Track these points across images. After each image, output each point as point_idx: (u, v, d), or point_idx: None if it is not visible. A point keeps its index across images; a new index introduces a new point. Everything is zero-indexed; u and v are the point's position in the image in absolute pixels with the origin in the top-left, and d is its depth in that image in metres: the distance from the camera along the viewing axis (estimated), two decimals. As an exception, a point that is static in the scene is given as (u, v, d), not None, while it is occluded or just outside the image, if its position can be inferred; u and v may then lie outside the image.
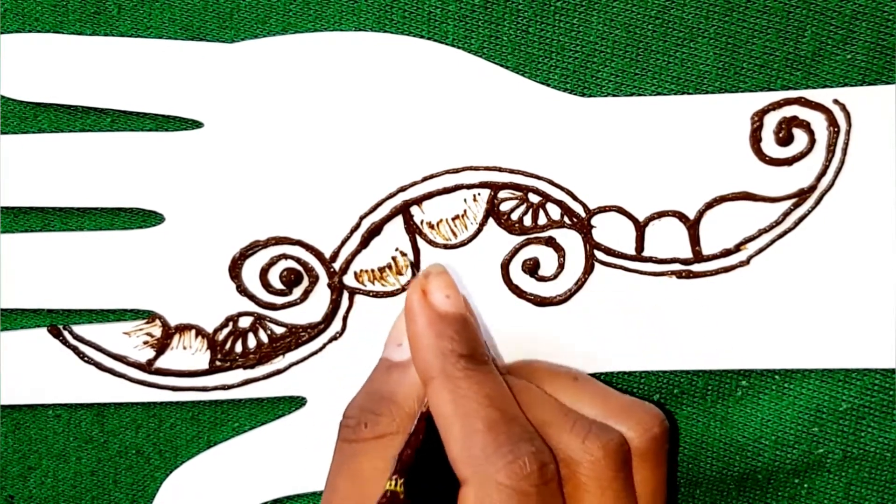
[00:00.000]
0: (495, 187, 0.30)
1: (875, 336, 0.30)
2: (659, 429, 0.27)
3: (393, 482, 0.25)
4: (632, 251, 0.30)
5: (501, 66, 0.30)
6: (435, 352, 0.26)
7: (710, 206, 0.30)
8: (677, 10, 0.29)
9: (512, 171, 0.30)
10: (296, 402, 0.32)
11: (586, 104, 0.30)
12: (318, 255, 0.30)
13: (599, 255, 0.30)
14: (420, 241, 0.30)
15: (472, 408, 0.25)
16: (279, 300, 0.31)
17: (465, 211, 0.30)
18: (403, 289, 0.30)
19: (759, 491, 0.31)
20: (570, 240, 0.30)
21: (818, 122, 0.29)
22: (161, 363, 0.31)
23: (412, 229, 0.30)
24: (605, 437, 0.26)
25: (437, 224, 0.30)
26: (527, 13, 0.30)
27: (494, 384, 0.26)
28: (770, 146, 0.29)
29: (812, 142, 0.29)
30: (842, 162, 0.29)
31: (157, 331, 0.31)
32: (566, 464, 0.26)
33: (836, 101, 0.29)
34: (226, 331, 0.31)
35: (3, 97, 0.30)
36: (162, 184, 0.30)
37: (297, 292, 0.31)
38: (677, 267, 0.30)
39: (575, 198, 0.30)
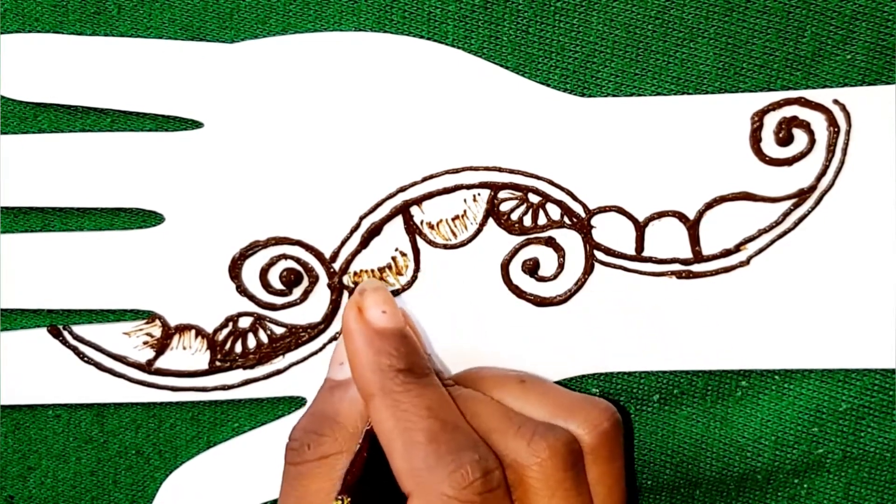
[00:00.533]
0: (495, 187, 0.30)
1: (875, 336, 0.30)
2: (608, 423, 0.27)
3: (339, 502, 0.25)
4: (632, 251, 0.30)
5: (501, 66, 0.30)
6: (373, 368, 0.26)
7: (710, 206, 0.30)
8: (677, 10, 0.29)
9: (512, 171, 0.30)
10: (296, 402, 0.32)
11: (586, 104, 0.30)
12: (318, 255, 0.30)
13: (599, 255, 0.30)
14: (420, 241, 0.30)
15: (413, 421, 0.25)
16: (279, 300, 0.31)
17: (465, 211, 0.30)
18: (403, 289, 0.30)
19: (758, 491, 0.31)
20: (570, 240, 0.30)
21: (818, 122, 0.29)
22: (161, 363, 0.31)
23: (412, 229, 0.30)
24: (552, 437, 0.26)
25: (437, 224, 0.30)
26: (527, 13, 0.30)
27: (435, 396, 0.26)
28: (770, 146, 0.29)
29: (812, 142, 0.29)
30: (842, 162, 0.29)
31: (156, 331, 0.31)
32: (514, 469, 0.26)
33: (836, 101, 0.29)
34: (226, 331, 0.31)
35: (3, 97, 0.30)
36: (162, 184, 0.30)
37: (297, 292, 0.31)
38: (677, 267, 0.30)
39: (575, 198, 0.30)
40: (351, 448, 0.26)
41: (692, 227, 0.30)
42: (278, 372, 0.31)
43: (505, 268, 0.30)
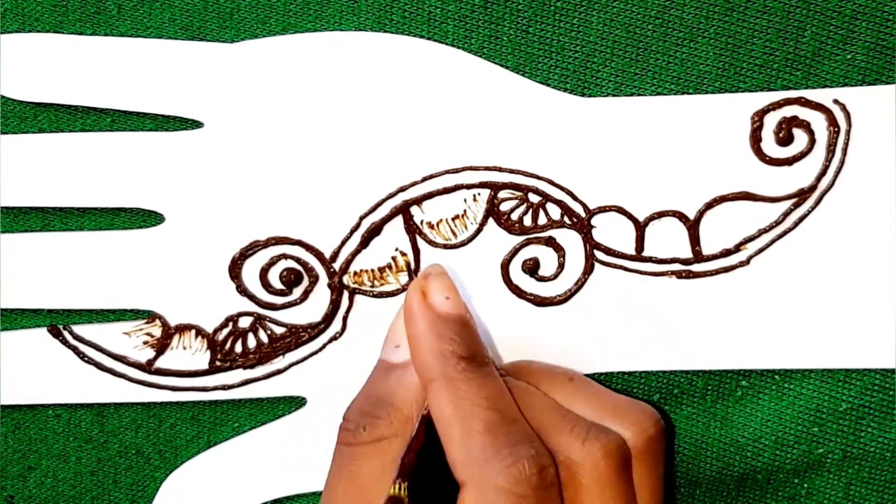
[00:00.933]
0: (495, 187, 0.30)
1: (875, 336, 0.30)
2: (655, 429, 0.27)
3: (396, 486, 0.25)
4: (632, 251, 0.30)
5: (501, 66, 0.30)
6: (435, 354, 0.26)
7: (710, 206, 0.30)
8: (677, 10, 0.29)
9: (512, 171, 0.30)
10: (296, 402, 0.32)
11: (586, 104, 0.30)
12: (318, 255, 0.30)
13: (599, 255, 0.30)
14: (420, 241, 0.30)
15: (472, 410, 0.25)
16: (279, 300, 0.31)
17: (465, 211, 0.30)
18: (403, 289, 0.30)
19: (758, 491, 0.31)
20: (570, 240, 0.30)
21: (818, 122, 0.29)
22: (161, 363, 0.31)
23: (412, 229, 0.30)
24: (605, 438, 0.26)
25: (437, 224, 0.30)
26: (527, 13, 0.30)
27: (494, 386, 0.26)
28: (770, 146, 0.29)
29: (812, 142, 0.29)
30: (842, 162, 0.29)
31: (157, 331, 0.31)
32: (566, 466, 0.26)
33: (836, 101, 0.29)
34: (226, 331, 0.31)
35: (3, 97, 0.30)
36: (162, 184, 0.30)
37: (297, 292, 0.31)
38: (677, 267, 0.30)
39: (575, 198, 0.30)
40: (405, 431, 0.26)
41: (692, 227, 0.30)
42: (278, 372, 0.31)
43: (505, 268, 0.30)
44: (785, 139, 0.29)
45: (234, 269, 0.30)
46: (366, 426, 0.26)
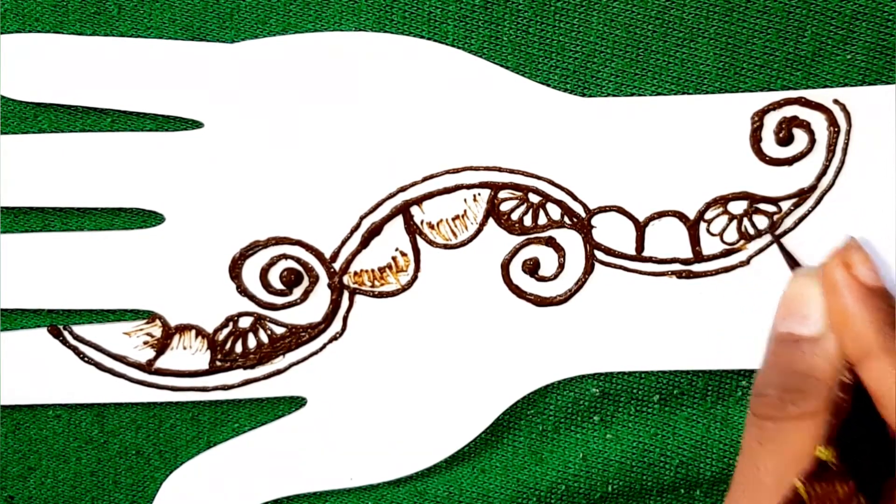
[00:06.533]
0: (495, 187, 0.30)
1: (875, 336, 0.30)
2: None
3: (823, 450, 0.25)
4: (632, 251, 0.30)
5: (501, 66, 0.30)
6: (871, 327, 0.26)
7: (710, 206, 0.30)
8: (677, 10, 0.29)
9: (512, 171, 0.30)
10: (296, 402, 0.32)
11: (586, 104, 0.30)
12: (318, 255, 0.30)
13: (599, 255, 0.30)
14: (420, 241, 0.30)
15: None
16: (279, 300, 0.31)
17: (465, 211, 0.30)
18: (404, 289, 0.30)
19: (759, 491, 0.31)
20: (570, 240, 0.30)
21: (818, 122, 0.29)
22: (161, 363, 0.31)
23: (412, 229, 0.30)
24: None
25: (437, 224, 0.30)
26: (527, 13, 0.30)
27: None
28: (770, 146, 0.29)
29: (812, 142, 0.29)
30: (842, 162, 0.29)
31: (157, 331, 0.31)
32: None
33: (836, 101, 0.29)
34: (226, 331, 0.31)
35: (3, 97, 0.30)
36: (162, 184, 0.30)
37: (298, 292, 0.31)
38: (677, 267, 0.30)
39: (575, 198, 0.30)
40: (829, 402, 0.26)
41: (692, 227, 0.30)
42: (278, 372, 0.31)
43: (505, 268, 0.30)
44: (785, 139, 0.29)
45: (235, 269, 0.30)
46: (794, 401, 0.26)
